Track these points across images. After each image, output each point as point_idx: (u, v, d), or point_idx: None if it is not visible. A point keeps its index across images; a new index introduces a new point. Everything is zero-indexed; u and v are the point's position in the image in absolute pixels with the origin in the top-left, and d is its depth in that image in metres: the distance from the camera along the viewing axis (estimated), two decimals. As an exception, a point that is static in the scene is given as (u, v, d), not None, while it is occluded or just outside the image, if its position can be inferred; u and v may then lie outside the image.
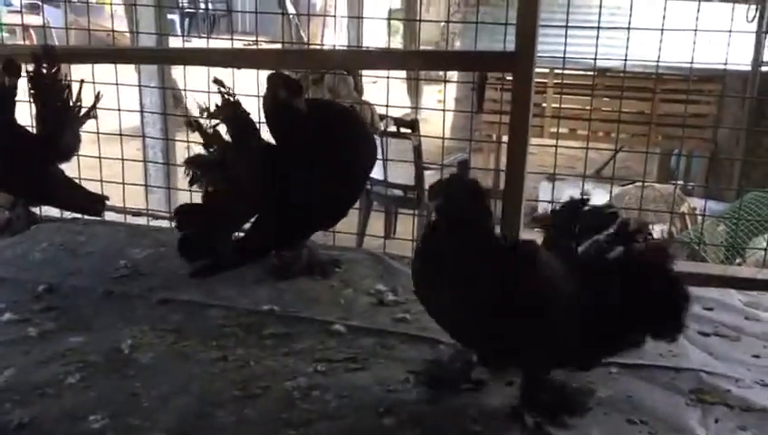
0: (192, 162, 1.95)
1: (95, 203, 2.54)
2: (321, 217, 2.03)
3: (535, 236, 1.46)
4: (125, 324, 1.72)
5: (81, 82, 2.54)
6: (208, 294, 1.89)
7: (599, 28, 2.34)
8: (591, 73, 5.57)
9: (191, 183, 1.95)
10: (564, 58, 2.38)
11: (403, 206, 5.02)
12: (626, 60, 2.39)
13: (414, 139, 4.74)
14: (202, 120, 1.94)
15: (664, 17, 2.37)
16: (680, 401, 1.46)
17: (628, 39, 2.30)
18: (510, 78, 2.35)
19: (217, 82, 1.95)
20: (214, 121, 1.93)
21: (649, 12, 2.82)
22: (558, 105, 6.09)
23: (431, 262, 1.40)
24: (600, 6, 2.31)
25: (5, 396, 1.39)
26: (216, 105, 1.94)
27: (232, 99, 1.95)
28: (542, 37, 2.29)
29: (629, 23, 2.32)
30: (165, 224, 3.16)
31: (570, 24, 2.44)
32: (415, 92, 7.63)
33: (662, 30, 2.40)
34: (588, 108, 5.92)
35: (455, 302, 1.35)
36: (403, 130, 5.02)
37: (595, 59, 2.36)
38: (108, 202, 2.61)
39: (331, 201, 1.98)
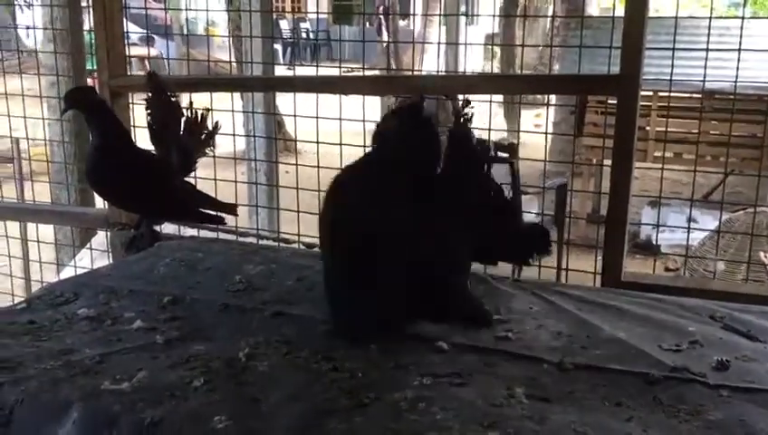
0: None
1: (226, 210, 2.70)
2: None
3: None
4: (241, 335, 1.82)
5: (207, 110, 2.71)
6: (318, 309, 1.97)
7: (707, 50, 2.30)
8: (698, 96, 5.42)
9: None
10: (671, 80, 2.36)
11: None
12: (736, 81, 2.34)
13: (515, 163, 4.75)
14: None
15: (777, 37, 2.32)
16: (796, 426, 1.42)
17: (738, 60, 2.26)
18: (612, 101, 2.34)
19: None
20: None
21: (761, 32, 2.76)
22: (662, 129, 5.94)
23: None
24: (709, 28, 2.27)
25: (139, 396, 1.50)
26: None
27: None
28: (646, 59, 2.28)
29: (740, 44, 2.27)
30: (272, 243, 3.31)
31: (676, 47, 2.41)
32: (517, 116, 7.62)
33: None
34: (693, 131, 5.76)
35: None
36: (500, 154, 5.02)
37: (704, 81, 2.32)
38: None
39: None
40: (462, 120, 2.00)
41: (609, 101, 5.52)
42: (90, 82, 4.80)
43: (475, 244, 1.99)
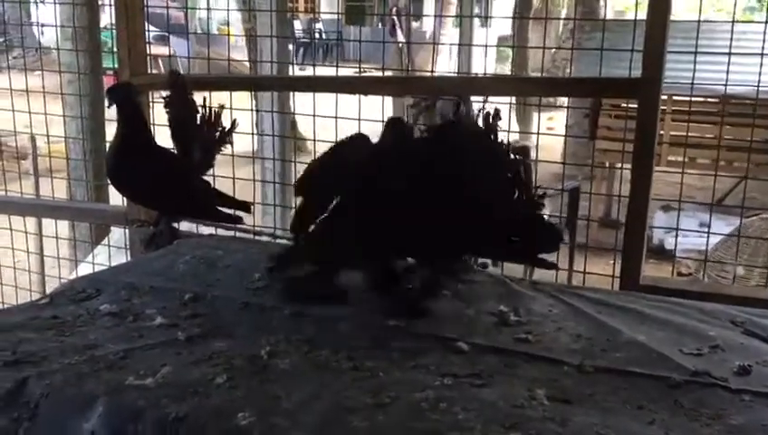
0: None
1: (241, 207, 2.72)
2: None
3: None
4: (262, 333, 1.83)
5: (221, 107, 2.73)
6: (338, 308, 1.98)
7: (729, 54, 2.30)
8: (713, 100, 5.40)
9: None
10: (692, 84, 2.36)
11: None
12: (758, 86, 2.34)
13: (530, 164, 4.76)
14: None
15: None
16: (819, 432, 1.42)
17: (761, 65, 2.25)
18: (625, 104, 2.34)
19: None
20: None
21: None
22: (677, 133, 5.93)
23: None
24: (732, 32, 2.27)
25: (163, 392, 1.52)
26: None
27: None
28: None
29: (762, 48, 2.27)
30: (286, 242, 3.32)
31: (692, 51, 2.41)
32: (529, 119, 7.63)
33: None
34: (709, 136, 5.74)
35: None
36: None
37: (726, 85, 2.32)
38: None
39: None
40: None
41: (624, 105, 5.53)
42: (105, 79, 4.84)
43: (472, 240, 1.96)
